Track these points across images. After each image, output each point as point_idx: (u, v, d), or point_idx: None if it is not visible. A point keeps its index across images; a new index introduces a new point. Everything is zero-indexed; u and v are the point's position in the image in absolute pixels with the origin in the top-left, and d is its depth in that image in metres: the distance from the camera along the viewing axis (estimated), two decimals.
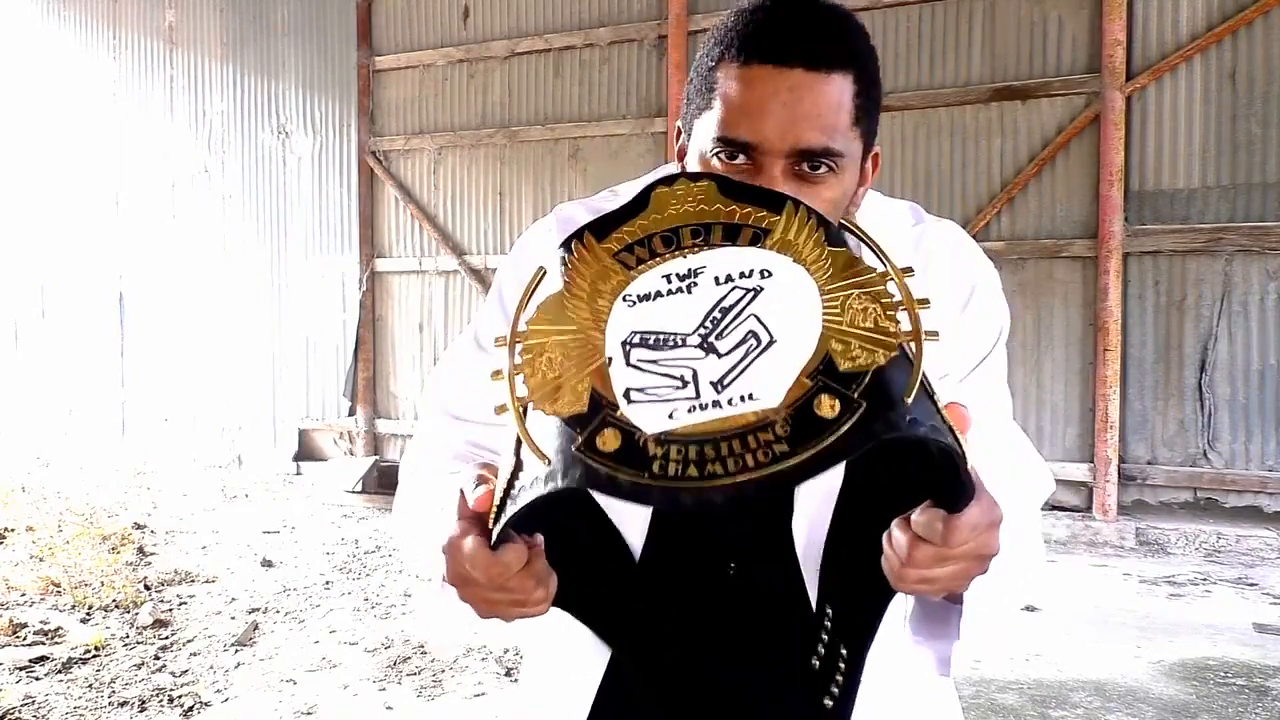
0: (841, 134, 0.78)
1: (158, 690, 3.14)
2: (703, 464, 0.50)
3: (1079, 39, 5.04)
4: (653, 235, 0.60)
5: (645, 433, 0.52)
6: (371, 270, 6.93)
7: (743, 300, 0.56)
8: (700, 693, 0.88)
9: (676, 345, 0.55)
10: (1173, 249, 4.86)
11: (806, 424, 0.50)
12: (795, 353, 0.53)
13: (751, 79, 0.77)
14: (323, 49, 7.08)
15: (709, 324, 0.55)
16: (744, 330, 0.55)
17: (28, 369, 8.42)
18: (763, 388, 0.52)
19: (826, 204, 0.78)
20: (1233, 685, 3.09)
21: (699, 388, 0.53)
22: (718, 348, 0.54)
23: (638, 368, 0.55)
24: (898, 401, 0.51)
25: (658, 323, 0.56)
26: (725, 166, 0.80)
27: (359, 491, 6.11)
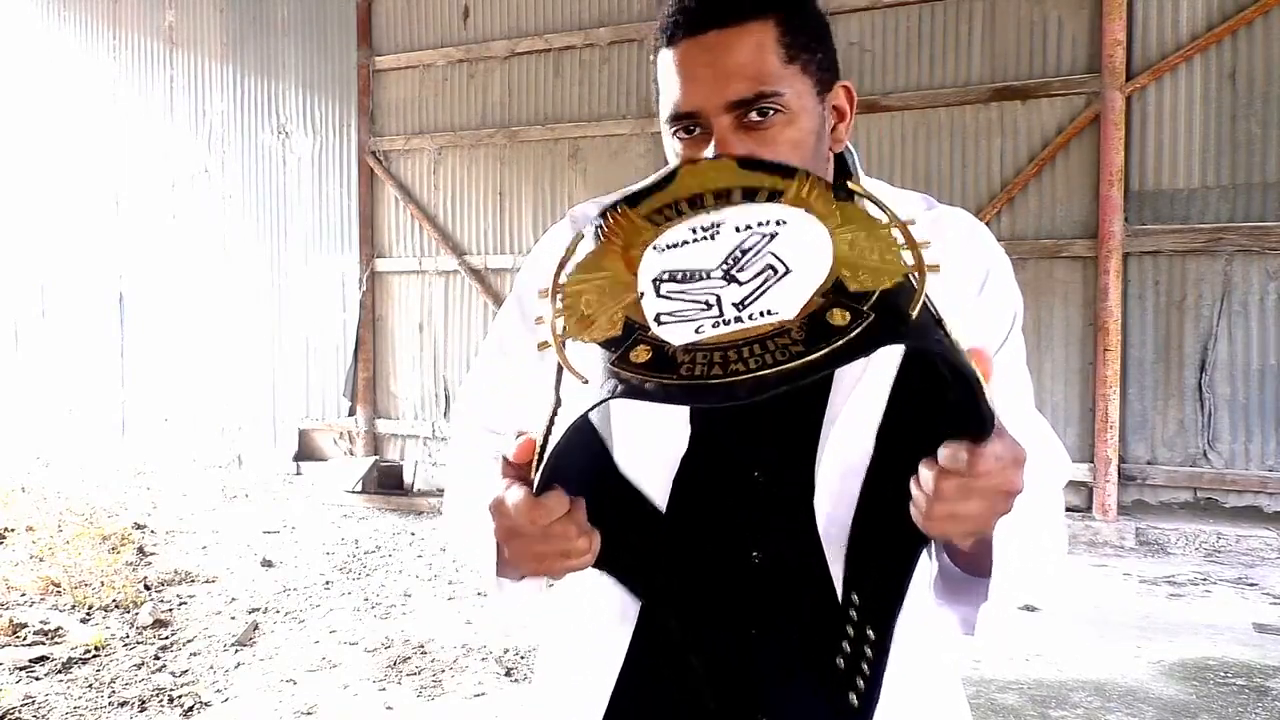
0: (773, 76, 0.81)
1: (158, 690, 3.14)
2: (726, 364, 0.56)
3: (1079, 39, 5.03)
4: (680, 200, 0.68)
5: (674, 345, 0.58)
6: (371, 270, 6.93)
7: (761, 241, 0.63)
8: (722, 681, 0.88)
9: (702, 278, 0.62)
10: (1173, 249, 4.86)
11: (820, 330, 0.57)
12: (809, 278, 0.60)
13: (679, 56, 0.83)
14: (323, 49, 7.08)
15: (730, 261, 0.62)
16: (763, 263, 0.62)
17: (28, 369, 8.42)
18: (780, 304, 0.59)
19: (788, 145, 0.82)
20: (1233, 685, 3.09)
21: (722, 309, 0.60)
22: (739, 278, 0.61)
23: (667, 297, 0.62)
24: (905, 316, 0.57)
25: (685, 263, 0.63)
26: (685, 143, 0.85)
27: (359, 491, 6.11)
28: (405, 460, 6.60)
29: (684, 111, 0.83)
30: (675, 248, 0.64)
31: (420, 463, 6.42)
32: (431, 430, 6.70)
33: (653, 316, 0.60)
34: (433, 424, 6.71)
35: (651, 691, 0.91)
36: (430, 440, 6.73)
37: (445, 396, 6.71)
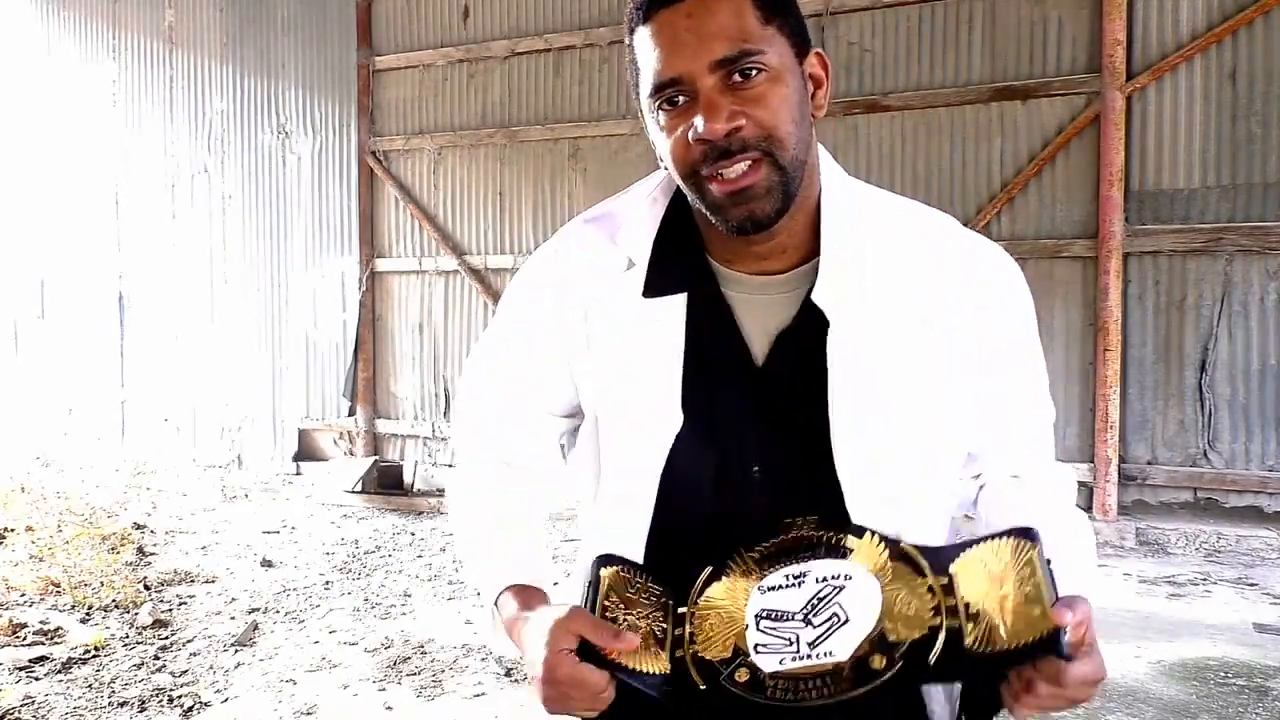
0: (754, 35, 0.83)
1: (158, 690, 3.14)
2: (798, 692, 0.80)
3: (1079, 39, 5.03)
4: (783, 550, 0.87)
5: (764, 672, 0.81)
6: (371, 270, 6.93)
7: (832, 593, 0.83)
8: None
9: (788, 619, 0.83)
10: (1173, 249, 4.86)
11: (864, 672, 0.78)
12: (861, 627, 0.80)
13: (656, 29, 0.84)
14: (323, 49, 7.08)
15: (809, 606, 0.83)
16: (830, 612, 0.82)
17: (28, 369, 8.42)
18: (838, 648, 0.80)
19: (776, 102, 0.83)
20: (1233, 685, 3.09)
21: (799, 646, 0.81)
22: (813, 621, 0.82)
23: (763, 632, 0.83)
24: (925, 665, 0.77)
25: (777, 605, 0.84)
26: (669, 114, 0.85)
27: (359, 491, 6.11)
28: (405, 460, 6.60)
29: (668, 79, 0.83)
30: (773, 590, 0.84)
31: (420, 463, 6.42)
32: (431, 430, 6.70)
33: (752, 645, 0.82)
34: (433, 424, 6.71)
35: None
36: (430, 440, 6.73)
37: (445, 396, 6.71)
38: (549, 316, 0.98)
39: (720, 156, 0.83)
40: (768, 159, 0.83)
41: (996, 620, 0.76)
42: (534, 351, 0.99)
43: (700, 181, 0.85)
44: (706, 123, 0.82)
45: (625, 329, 0.94)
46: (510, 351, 1.02)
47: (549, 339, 0.98)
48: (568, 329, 0.96)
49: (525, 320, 1.00)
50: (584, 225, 1.00)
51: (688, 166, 0.85)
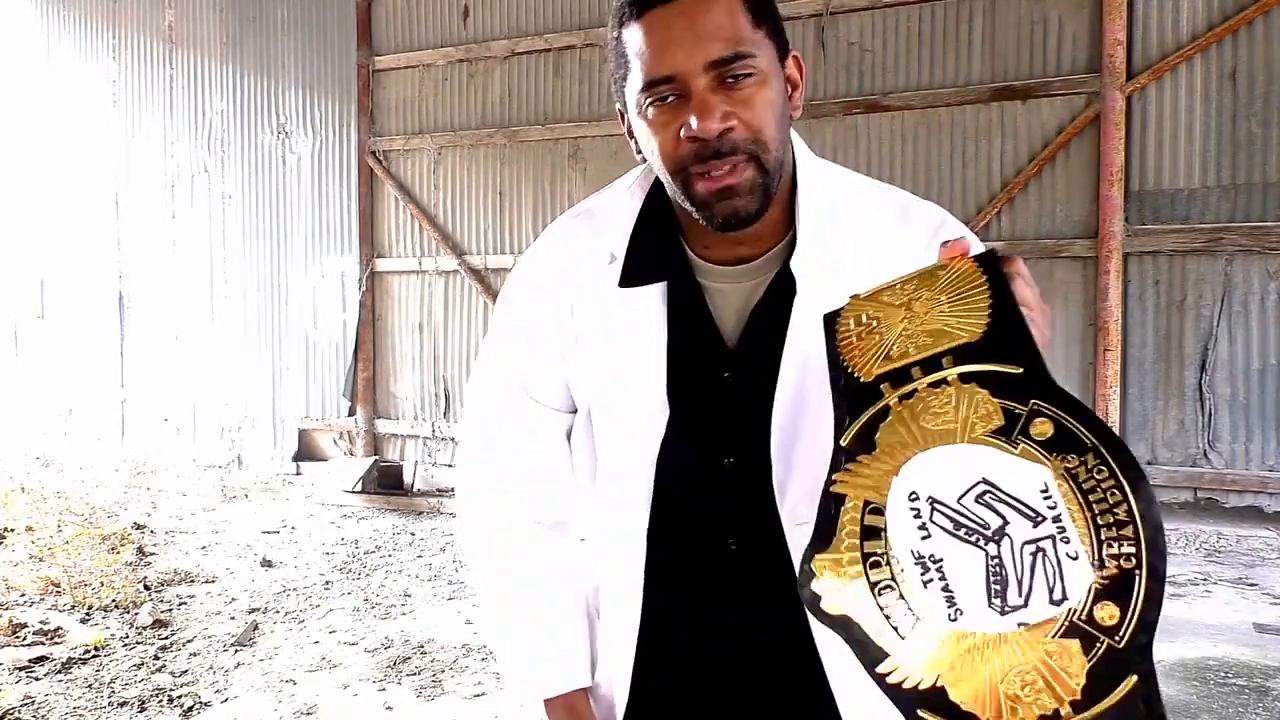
0: (746, 37, 0.84)
1: (157, 690, 3.14)
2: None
3: (1079, 39, 5.03)
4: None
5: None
6: (371, 270, 6.93)
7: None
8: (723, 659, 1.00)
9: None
10: (1173, 249, 4.86)
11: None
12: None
13: (650, 26, 0.85)
14: (323, 49, 7.08)
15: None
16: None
17: (28, 369, 8.41)
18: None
19: (763, 105, 0.85)
20: (1233, 685, 3.09)
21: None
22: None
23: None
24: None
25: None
26: (659, 110, 0.86)
27: (359, 491, 6.11)
28: (405, 460, 6.60)
29: (662, 76, 0.84)
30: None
31: (420, 463, 6.42)
32: (431, 430, 6.70)
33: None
34: (433, 424, 6.71)
35: (668, 661, 0.98)
36: (430, 440, 6.73)
37: (445, 396, 6.71)
38: (543, 320, 1.00)
39: (711, 156, 0.85)
40: (753, 161, 0.86)
41: None
42: (535, 358, 1.02)
43: (688, 178, 0.87)
44: (700, 122, 0.83)
45: (608, 322, 0.96)
46: (513, 367, 1.04)
47: (546, 342, 1.00)
48: (560, 327, 0.99)
49: (522, 328, 1.03)
50: (568, 222, 1.04)
51: (677, 163, 0.87)
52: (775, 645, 0.94)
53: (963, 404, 0.68)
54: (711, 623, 0.96)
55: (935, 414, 0.69)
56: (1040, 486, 0.64)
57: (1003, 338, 0.69)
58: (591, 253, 0.98)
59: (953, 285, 0.73)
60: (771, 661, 0.95)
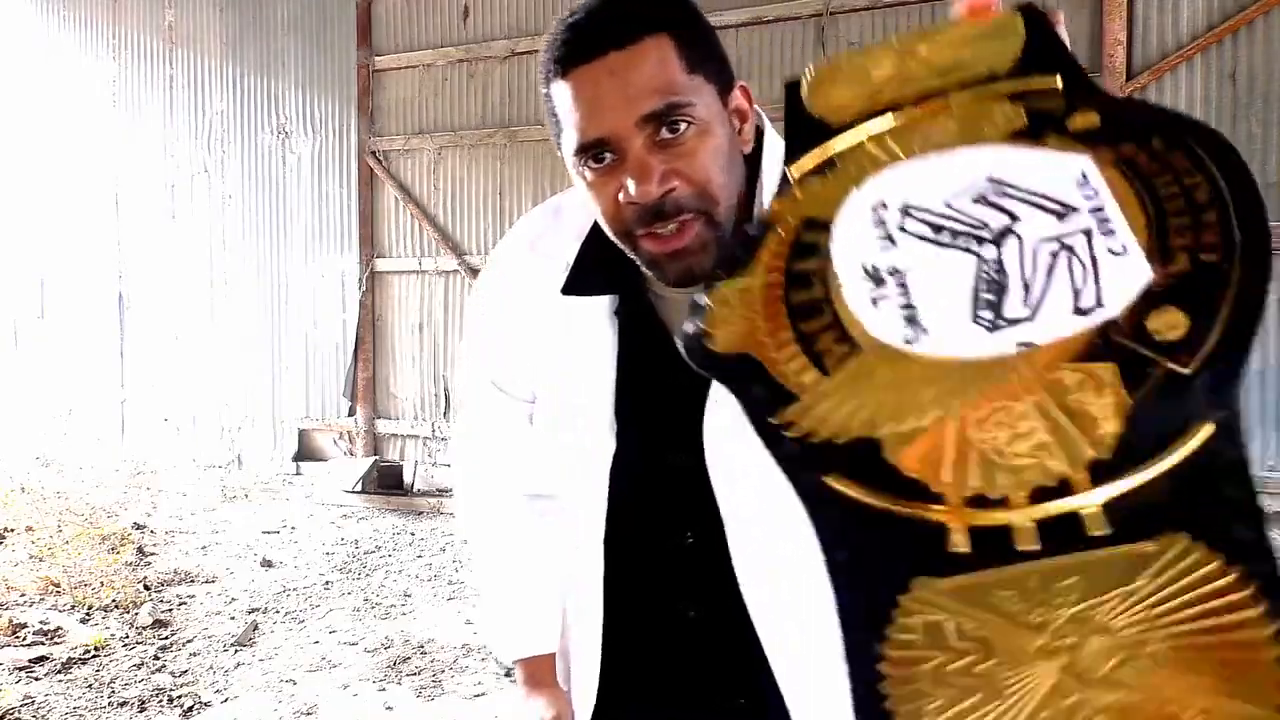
0: (680, 86, 0.79)
1: (158, 690, 3.14)
2: None
3: (1079, 39, 5.03)
4: None
5: None
6: (371, 270, 6.93)
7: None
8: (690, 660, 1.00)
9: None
10: None
11: None
12: None
13: (577, 84, 0.80)
14: (323, 49, 7.08)
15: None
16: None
17: (28, 369, 8.41)
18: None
19: (708, 155, 0.80)
20: None
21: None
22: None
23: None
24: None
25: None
26: (595, 172, 0.82)
27: (359, 491, 6.11)
28: (405, 460, 6.60)
29: (593, 139, 0.80)
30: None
31: (420, 463, 6.42)
32: (431, 430, 6.70)
33: None
34: (433, 424, 6.71)
35: (636, 661, 1.01)
36: (430, 440, 6.73)
37: (445, 396, 6.71)
38: (506, 319, 1.02)
39: (653, 218, 0.80)
40: (702, 216, 0.81)
41: None
42: (500, 354, 1.04)
43: (635, 240, 0.83)
44: (638, 186, 0.78)
45: (557, 329, 0.97)
46: (482, 363, 1.07)
47: (510, 342, 1.02)
48: (522, 326, 1.01)
49: (487, 325, 1.05)
50: (536, 216, 1.04)
51: (620, 225, 0.83)
52: (721, 638, 0.97)
53: (968, 116, 0.45)
54: (670, 610, 0.99)
55: (928, 137, 0.45)
56: (1076, 176, 0.41)
57: (1036, 60, 0.47)
58: (550, 254, 0.97)
59: (978, 30, 0.48)
60: (719, 655, 0.98)
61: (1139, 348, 0.37)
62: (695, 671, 0.99)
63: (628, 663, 1.01)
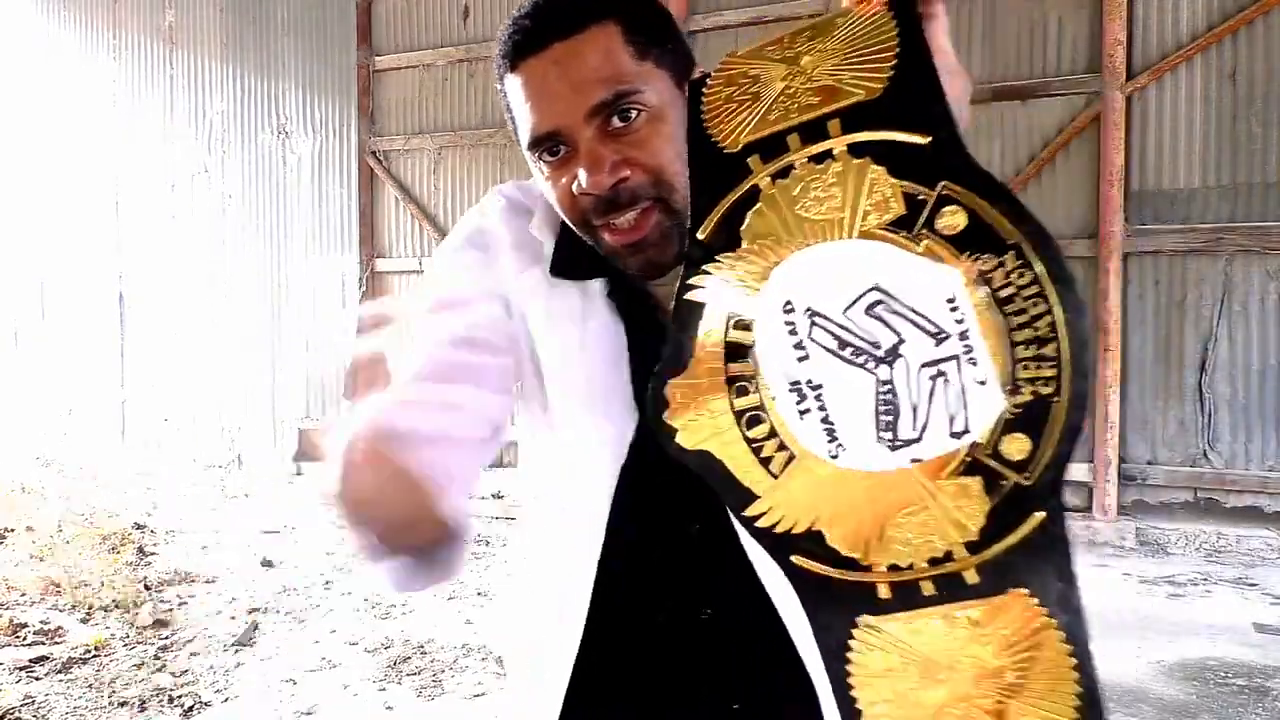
0: (629, 73, 0.77)
1: (158, 690, 3.14)
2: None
3: (1079, 39, 5.03)
4: None
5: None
6: (371, 270, 6.93)
7: None
8: (682, 658, 0.92)
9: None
10: (1173, 249, 4.86)
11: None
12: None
13: (526, 76, 0.79)
14: (323, 49, 7.08)
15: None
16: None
17: (28, 369, 8.41)
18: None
19: (660, 142, 0.77)
20: (1233, 685, 3.09)
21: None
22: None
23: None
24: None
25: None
26: (550, 165, 0.81)
27: None
28: None
29: (544, 132, 0.79)
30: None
31: None
32: None
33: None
34: None
35: (612, 662, 0.91)
36: None
37: None
38: (491, 266, 0.91)
39: (609, 208, 0.79)
40: (659, 205, 0.79)
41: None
42: (479, 297, 0.90)
43: (594, 231, 0.81)
44: (590, 176, 0.77)
45: (549, 306, 0.89)
46: (447, 315, 0.88)
47: (493, 286, 0.90)
48: (508, 281, 0.90)
49: (467, 265, 0.92)
50: (523, 183, 0.98)
51: (578, 216, 0.81)
52: (741, 631, 0.89)
53: (852, 185, 0.54)
54: (678, 606, 0.90)
55: (817, 199, 0.55)
56: (947, 295, 0.52)
57: (908, 96, 0.55)
58: (541, 227, 0.92)
59: (855, 35, 0.58)
60: (741, 649, 0.90)
61: (996, 465, 0.52)
62: (690, 669, 0.92)
63: (611, 659, 0.92)
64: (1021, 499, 0.51)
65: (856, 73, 0.56)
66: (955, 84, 0.60)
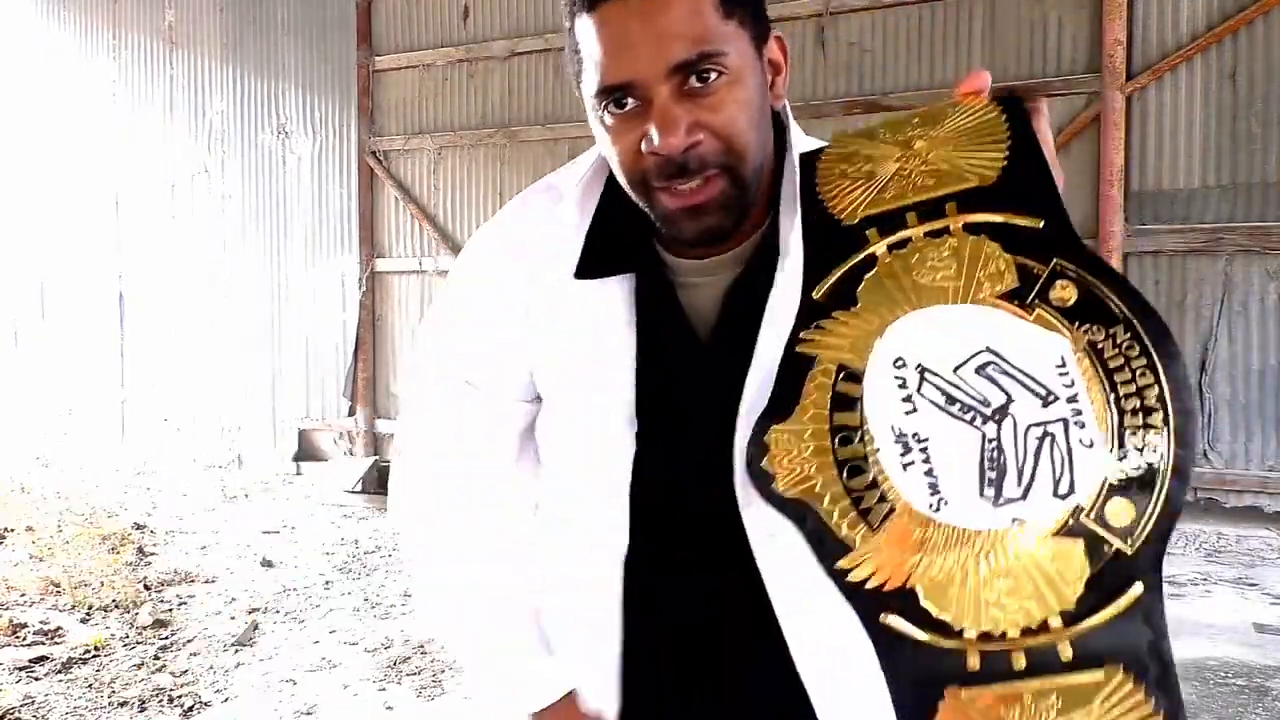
0: (714, 33, 0.74)
1: (158, 690, 3.14)
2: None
3: (1079, 39, 5.03)
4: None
5: None
6: (371, 270, 6.93)
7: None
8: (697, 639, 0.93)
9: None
10: (1173, 249, 4.86)
11: None
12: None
13: (604, 20, 0.75)
14: (323, 49, 7.08)
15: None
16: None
17: (28, 369, 8.41)
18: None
19: (736, 107, 0.76)
20: (1233, 685, 3.09)
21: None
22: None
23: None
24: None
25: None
26: (618, 118, 0.77)
27: (359, 491, 6.11)
28: None
29: (617, 82, 0.75)
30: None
31: None
32: None
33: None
34: None
35: (661, 677, 0.90)
36: None
37: None
38: (500, 300, 0.90)
39: (675, 173, 0.75)
40: (726, 173, 0.76)
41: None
42: (488, 342, 0.92)
43: (651, 192, 0.78)
44: (663, 137, 0.74)
45: (568, 315, 0.87)
46: (457, 357, 0.93)
47: (502, 327, 0.90)
48: (519, 310, 0.90)
49: (473, 308, 0.92)
50: (530, 196, 0.96)
51: (637, 175, 0.78)
52: (751, 653, 0.88)
53: (968, 259, 0.57)
54: (702, 622, 0.89)
55: (933, 268, 0.57)
56: (1056, 360, 0.53)
57: (1022, 186, 0.59)
58: (552, 235, 0.88)
59: (965, 125, 0.62)
60: (749, 669, 0.89)
61: (1099, 530, 0.51)
62: (721, 678, 0.90)
63: (652, 678, 0.91)
64: (1122, 568, 0.50)
65: (970, 160, 0.60)
66: (1059, 175, 0.62)
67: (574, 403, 0.89)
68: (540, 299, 0.89)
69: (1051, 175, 0.59)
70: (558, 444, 0.92)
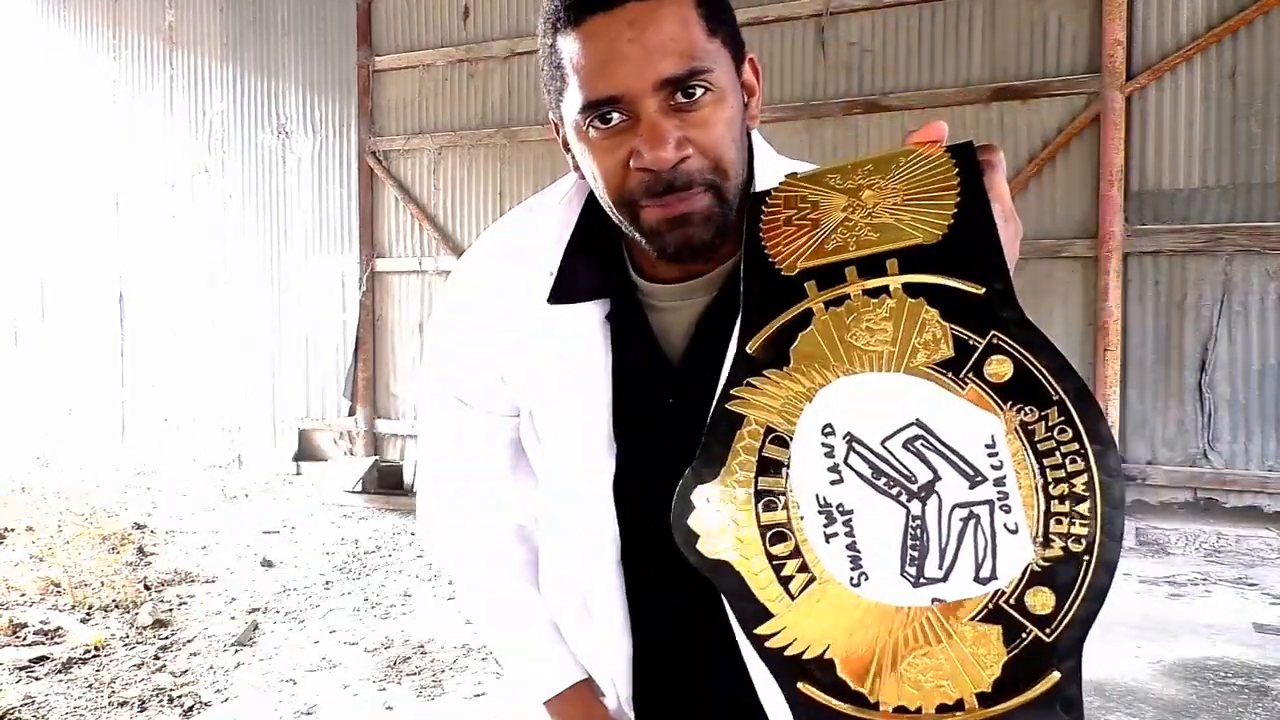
0: (701, 50, 0.74)
1: (158, 690, 3.14)
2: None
3: (1079, 39, 5.03)
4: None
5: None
6: (371, 270, 6.93)
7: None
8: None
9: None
10: (1173, 249, 4.86)
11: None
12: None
13: (591, 34, 0.74)
14: (323, 49, 7.08)
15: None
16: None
17: (28, 369, 8.41)
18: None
19: (721, 125, 0.76)
20: (1233, 685, 3.09)
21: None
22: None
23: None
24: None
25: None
26: (601, 133, 0.76)
27: (359, 491, 6.11)
28: (405, 460, 6.60)
29: (605, 96, 0.74)
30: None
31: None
32: None
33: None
34: None
35: (669, 682, 0.93)
36: None
37: None
38: (477, 332, 0.93)
39: (663, 190, 0.75)
40: (711, 190, 0.76)
41: None
42: (470, 370, 0.95)
43: (635, 209, 0.78)
44: (652, 151, 0.73)
45: (543, 341, 0.89)
46: (447, 380, 0.97)
47: (481, 359, 0.94)
48: (495, 340, 0.92)
49: (454, 338, 0.96)
50: (508, 222, 0.96)
51: (623, 194, 0.78)
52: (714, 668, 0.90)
53: (904, 322, 0.56)
54: (699, 629, 0.91)
55: (869, 329, 0.56)
56: (986, 439, 0.53)
57: (966, 247, 0.56)
58: (528, 261, 0.90)
59: (915, 175, 0.60)
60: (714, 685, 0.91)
61: (1018, 617, 0.51)
62: (688, 694, 0.93)
63: (661, 684, 0.93)
64: (1040, 654, 0.50)
65: (917, 215, 0.58)
66: (1009, 229, 0.61)
67: (555, 424, 0.91)
68: (517, 324, 0.90)
69: (998, 235, 0.57)
70: (543, 461, 0.95)
